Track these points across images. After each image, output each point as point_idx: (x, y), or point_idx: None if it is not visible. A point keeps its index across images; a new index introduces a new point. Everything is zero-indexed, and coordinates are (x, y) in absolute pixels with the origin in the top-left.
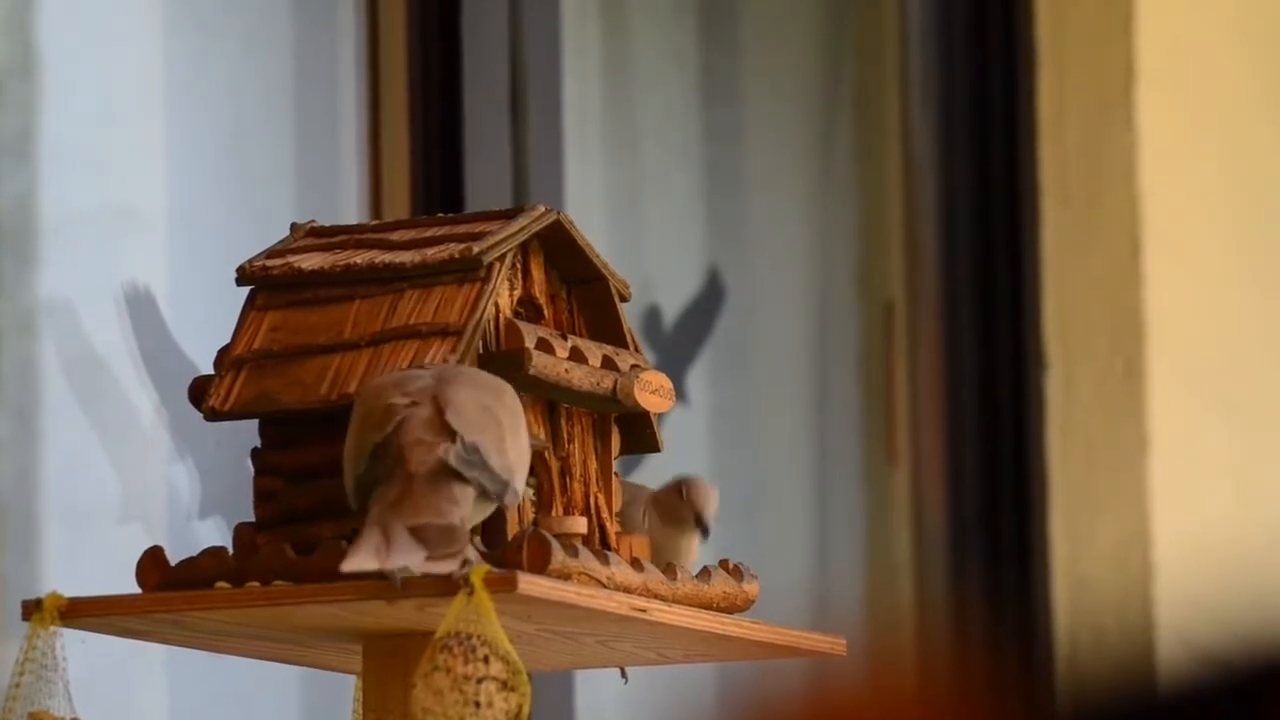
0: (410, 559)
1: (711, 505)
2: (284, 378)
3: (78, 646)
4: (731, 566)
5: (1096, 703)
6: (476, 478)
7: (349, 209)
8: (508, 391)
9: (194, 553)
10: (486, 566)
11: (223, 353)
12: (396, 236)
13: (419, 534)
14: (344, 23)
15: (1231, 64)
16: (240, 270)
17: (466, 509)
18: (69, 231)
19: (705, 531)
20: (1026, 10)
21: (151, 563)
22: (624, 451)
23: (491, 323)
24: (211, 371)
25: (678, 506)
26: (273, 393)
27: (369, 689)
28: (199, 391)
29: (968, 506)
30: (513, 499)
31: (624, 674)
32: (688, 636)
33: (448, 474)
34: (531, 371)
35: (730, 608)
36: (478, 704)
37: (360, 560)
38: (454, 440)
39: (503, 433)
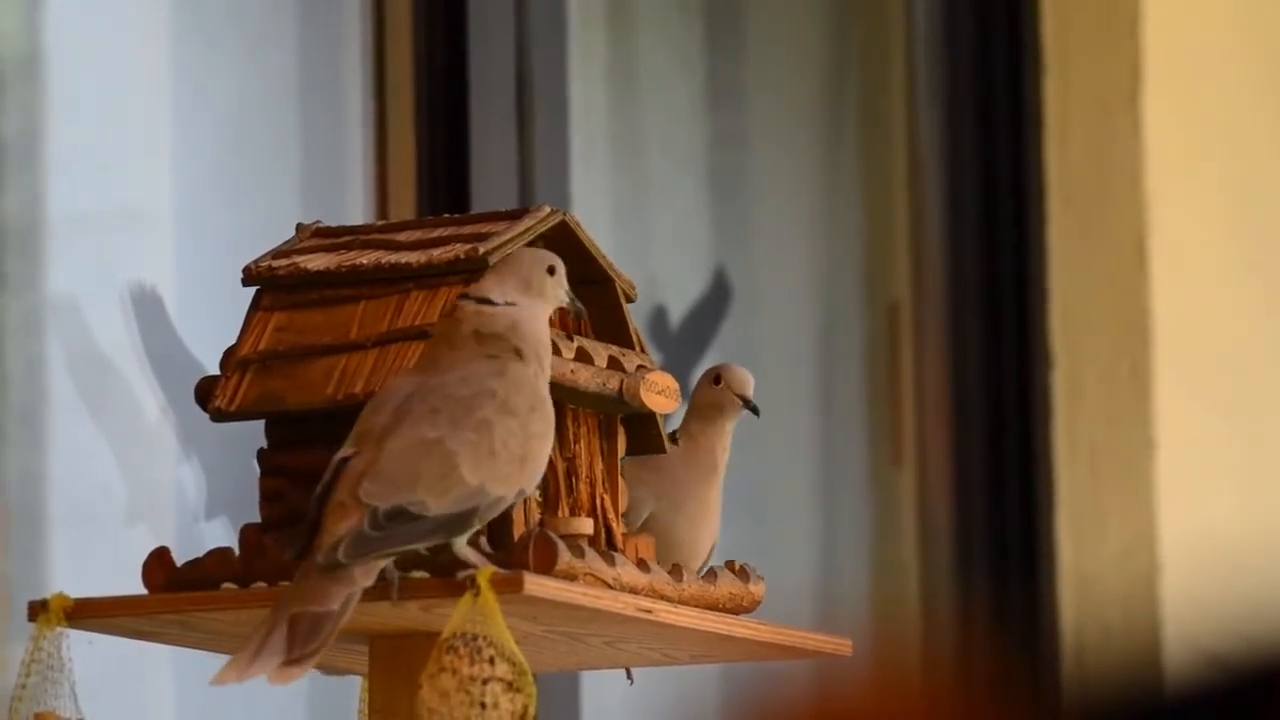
0: (267, 666)
1: (750, 385)
2: (290, 378)
3: (84, 647)
4: (737, 567)
5: (1102, 703)
6: (388, 550)
7: (355, 209)
8: (486, 400)
9: (200, 554)
10: (493, 568)
11: (229, 353)
12: (402, 237)
13: (294, 625)
14: (349, 24)
15: (1236, 67)
16: (246, 271)
17: (364, 581)
18: (75, 232)
19: (755, 410)
20: (1032, 14)
21: (157, 564)
22: (630, 452)
23: None
24: (217, 372)
25: (717, 394)
26: (278, 393)
27: (375, 690)
28: (205, 392)
29: (973, 507)
30: (496, 507)
31: (629, 675)
32: (693, 637)
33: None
34: None
35: (736, 609)
36: (483, 705)
37: (224, 674)
38: (360, 518)
39: (455, 463)
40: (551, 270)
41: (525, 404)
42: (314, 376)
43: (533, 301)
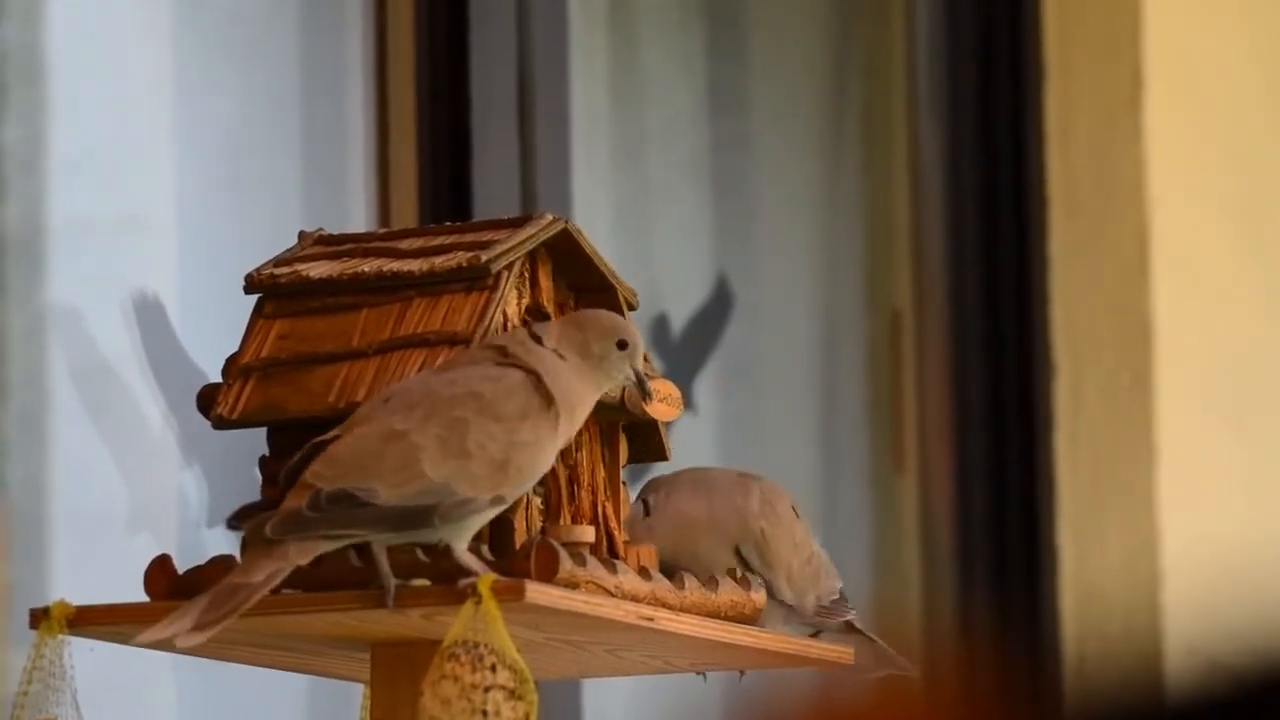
0: (179, 628)
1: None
2: (291, 386)
3: (85, 655)
4: (740, 575)
5: (1104, 711)
6: (323, 532)
7: (357, 217)
8: (467, 401)
9: (202, 561)
10: (494, 575)
11: (231, 361)
12: (404, 245)
13: (217, 595)
14: (351, 32)
15: (1239, 74)
16: (248, 278)
17: (299, 559)
18: (77, 239)
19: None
20: (1034, 21)
21: (159, 571)
22: (632, 460)
23: (499, 331)
24: (220, 379)
25: None
26: (280, 401)
27: (377, 697)
28: (207, 400)
29: (976, 514)
30: (465, 508)
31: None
32: (695, 645)
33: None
34: None
35: (738, 616)
36: (485, 713)
37: (144, 635)
38: (303, 498)
39: (417, 457)
40: (623, 345)
41: (515, 410)
42: (316, 384)
43: (587, 367)
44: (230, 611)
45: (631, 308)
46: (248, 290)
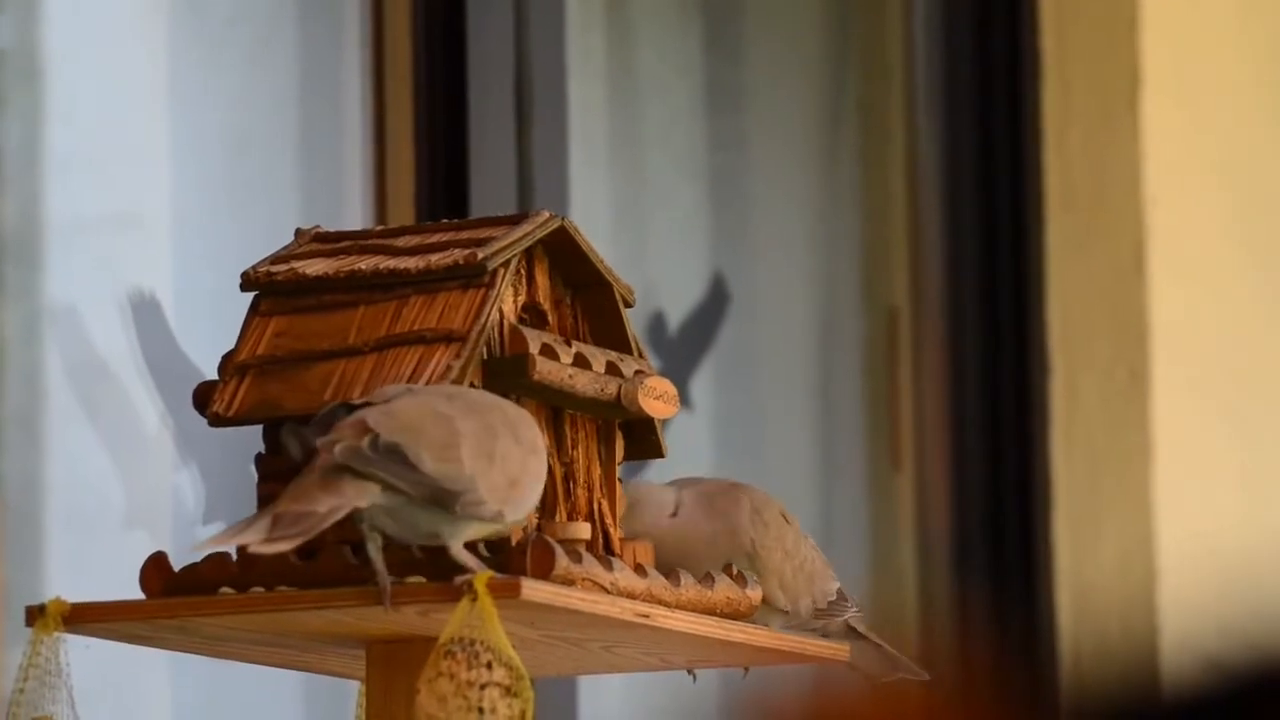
0: (251, 538)
1: None
2: (288, 384)
3: (81, 652)
4: (735, 572)
5: (1100, 708)
6: (377, 473)
7: (353, 215)
8: (498, 412)
9: (198, 558)
10: (490, 572)
11: (227, 358)
12: (401, 242)
13: (279, 518)
14: (349, 30)
15: (1236, 71)
16: (245, 276)
17: (356, 500)
18: (74, 238)
19: None
20: (1031, 17)
21: (155, 568)
22: (628, 458)
23: (496, 328)
24: (216, 377)
25: None
26: (277, 399)
27: (372, 695)
28: (203, 397)
29: (972, 512)
30: (477, 509)
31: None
32: (691, 642)
33: (340, 468)
34: (535, 377)
35: (734, 613)
36: (481, 710)
37: (207, 543)
38: (362, 438)
39: (458, 442)
40: None
41: (530, 440)
42: (312, 382)
43: None
44: (300, 534)
45: (628, 305)
46: (244, 288)
